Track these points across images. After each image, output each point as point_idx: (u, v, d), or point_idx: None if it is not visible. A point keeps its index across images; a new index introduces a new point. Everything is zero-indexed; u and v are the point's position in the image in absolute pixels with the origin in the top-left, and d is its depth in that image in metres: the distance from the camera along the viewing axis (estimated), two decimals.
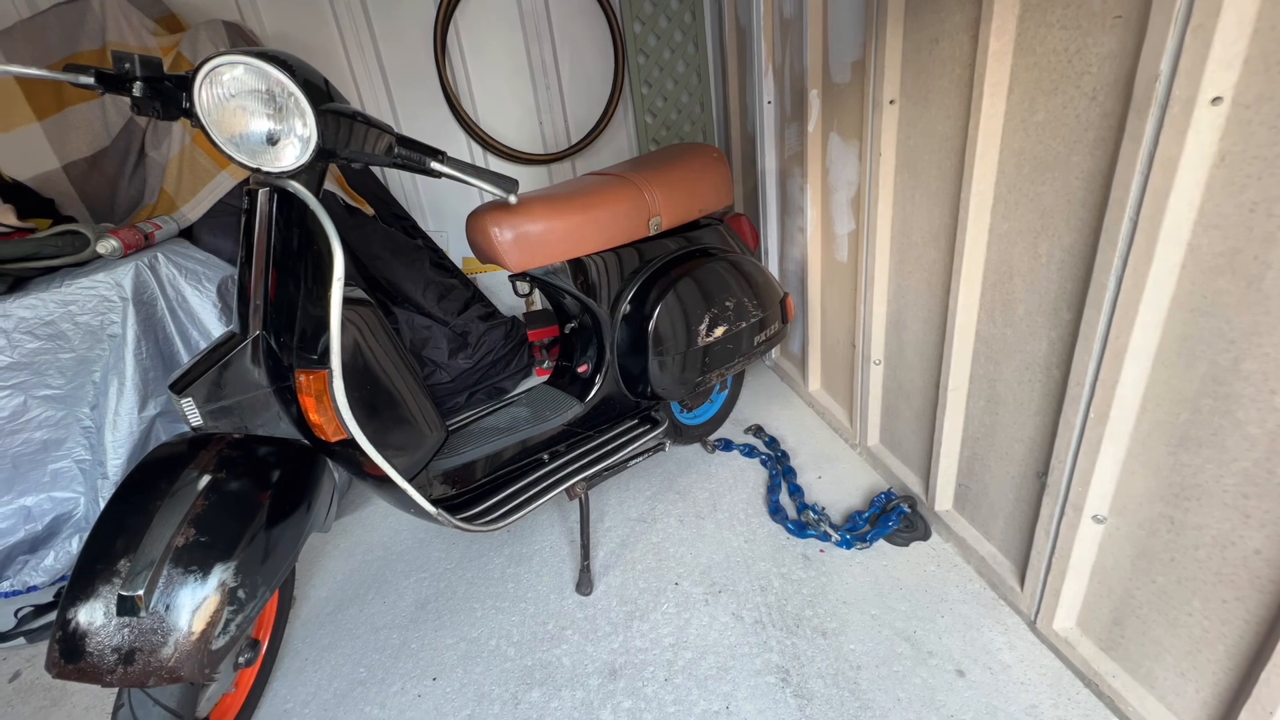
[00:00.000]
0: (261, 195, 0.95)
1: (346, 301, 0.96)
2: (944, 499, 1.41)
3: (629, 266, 1.49)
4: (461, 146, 2.67)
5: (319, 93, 0.90)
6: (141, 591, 0.76)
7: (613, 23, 2.55)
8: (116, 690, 0.91)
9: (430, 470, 1.23)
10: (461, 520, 1.20)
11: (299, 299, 0.96)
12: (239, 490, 0.89)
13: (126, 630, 0.77)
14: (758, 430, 1.91)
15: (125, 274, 1.46)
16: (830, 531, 1.43)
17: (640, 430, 1.56)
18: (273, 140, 0.90)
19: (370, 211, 2.23)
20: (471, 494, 1.32)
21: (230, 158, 0.90)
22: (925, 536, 1.41)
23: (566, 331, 1.59)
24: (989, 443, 1.25)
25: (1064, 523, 1.03)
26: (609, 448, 1.49)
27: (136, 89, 0.88)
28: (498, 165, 2.71)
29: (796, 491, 1.60)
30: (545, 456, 1.44)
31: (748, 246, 1.73)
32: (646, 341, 1.42)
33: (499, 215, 1.27)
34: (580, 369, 1.53)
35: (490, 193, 1.10)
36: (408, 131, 2.58)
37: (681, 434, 1.80)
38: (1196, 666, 0.89)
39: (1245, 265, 0.74)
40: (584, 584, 1.39)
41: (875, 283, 1.51)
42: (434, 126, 2.61)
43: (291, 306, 0.97)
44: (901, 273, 1.44)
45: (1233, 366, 0.77)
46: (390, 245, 2.14)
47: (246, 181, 0.97)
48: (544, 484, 1.36)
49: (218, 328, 1.58)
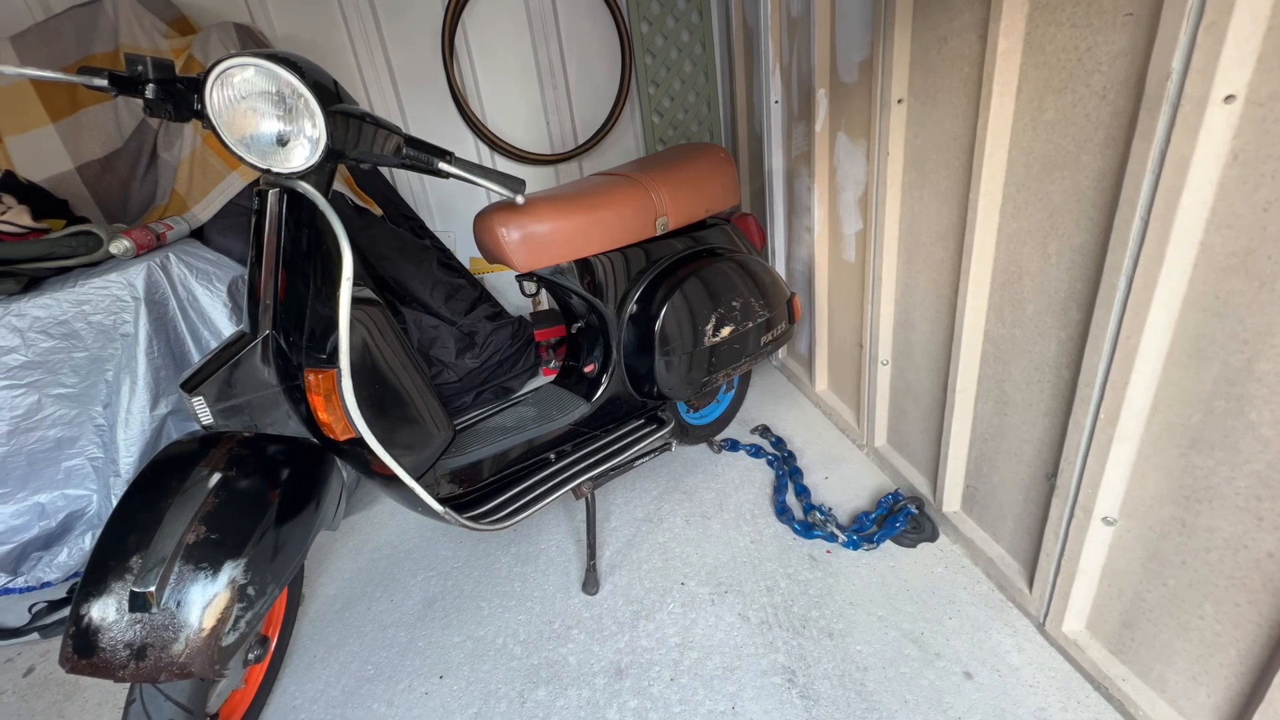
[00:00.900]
0: (271, 196, 0.95)
1: (355, 301, 0.97)
2: (952, 500, 1.40)
3: (636, 266, 1.49)
4: (469, 147, 2.68)
5: (328, 94, 0.90)
6: (153, 588, 0.77)
7: (620, 23, 2.55)
8: (128, 685, 0.92)
9: (438, 469, 1.24)
10: (468, 519, 1.20)
11: (308, 299, 0.97)
12: (249, 488, 0.90)
13: (138, 626, 0.78)
14: (764, 430, 1.91)
15: (137, 274, 1.47)
16: (837, 532, 1.43)
17: (646, 430, 1.56)
18: (283, 141, 0.90)
19: (379, 212, 2.24)
20: (478, 493, 1.32)
21: (241, 159, 0.90)
22: (933, 538, 1.40)
23: (573, 331, 1.60)
24: (997, 444, 1.24)
25: (1073, 524, 1.03)
26: (615, 447, 1.49)
27: (149, 91, 0.88)
28: (505, 166, 2.72)
29: (803, 492, 1.60)
30: (552, 456, 1.44)
31: (754, 246, 1.73)
32: (653, 341, 1.42)
33: (506, 215, 1.27)
34: (587, 369, 1.53)
35: (497, 193, 1.11)
36: (416, 132, 2.58)
37: (688, 434, 1.80)
38: (1208, 670, 0.88)
39: (1259, 265, 0.73)
40: (590, 583, 1.39)
41: (883, 282, 1.50)
42: (442, 127, 2.62)
43: (301, 306, 0.98)
44: (909, 272, 1.43)
45: (1246, 367, 0.76)
46: (398, 245, 2.15)
47: (257, 182, 0.97)
48: (550, 483, 1.36)
49: (228, 327, 1.59)
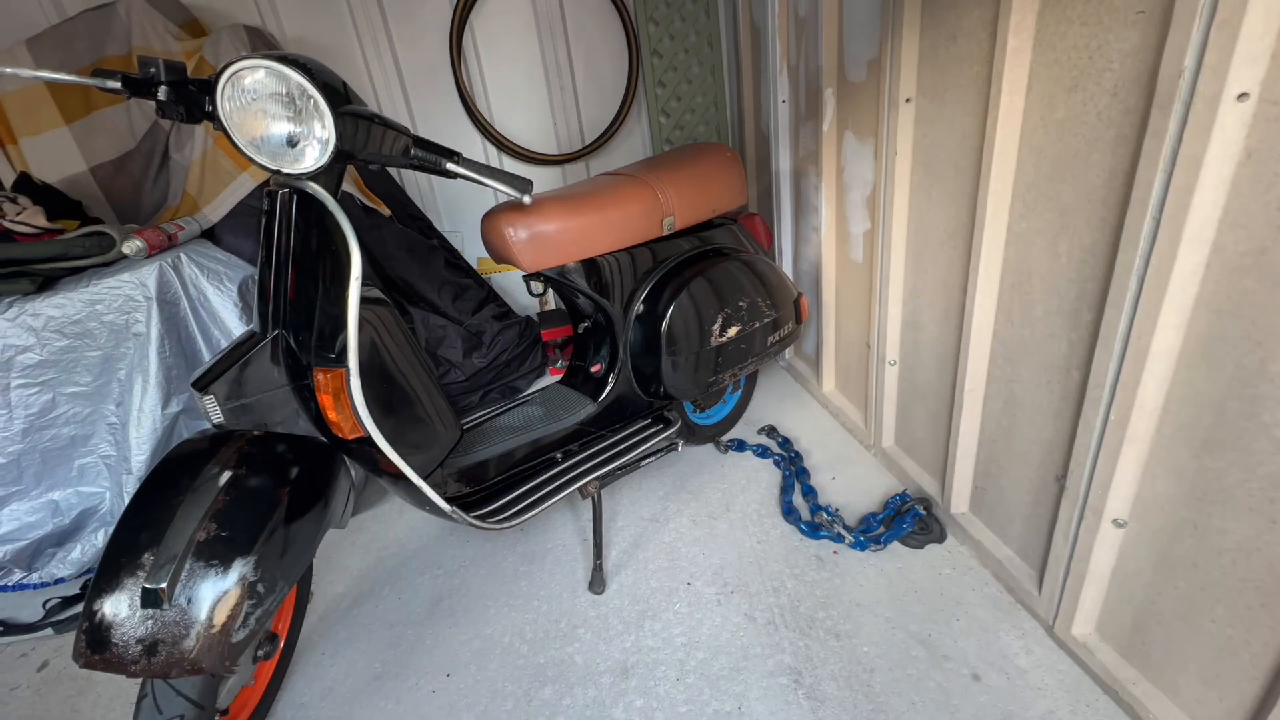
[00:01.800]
0: (281, 196, 0.96)
1: (364, 301, 0.98)
2: (960, 501, 1.39)
3: (642, 266, 1.49)
4: (476, 147, 2.69)
5: (337, 95, 0.91)
6: (165, 584, 0.78)
7: (627, 23, 2.56)
8: (140, 680, 0.93)
9: (445, 468, 1.25)
10: (475, 518, 1.21)
11: (317, 298, 0.98)
12: (259, 486, 0.90)
13: (150, 622, 0.78)
14: (771, 431, 1.90)
15: (150, 274, 1.49)
16: (844, 533, 1.42)
17: (653, 430, 1.56)
18: (292, 142, 0.91)
19: (387, 212, 2.25)
20: (485, 492, 1.33)
21: (251, 160, 0.91)
22: (940, 539, 1.39)
23: (580, 331, 1.60)
24: (1006, 445, 1.23)
25: (1083, 526, 1.02)
26: (621, 447, 1.50)
27: (161, 93, 0.90)
28: (512, 166, 2.73)
29: (810, 492, 1.59)
30: (558, 455, 1.44)
31: (761, 246, 1.73)
32: (660, 341, 1.42)
33: (513, 215, 1.28)
34: (593, 368, 1.53)
35: (505, 193, 1.11)
36: (424, 133, 2.60)
37: (694, 434, 1.80)
38: (1221, 674, 0.87)
39: (1272, 265, 0.72)
40: (596, 583, 1.39)
41: (891, 283, 1.49)
42: (449, 128, 2.63)
43: (310, 306, 0.98)
44: (917, 272, 1.42)
45: (1259, 368, 0.76)
46: (406, 245, 2.16)
47: (267, 183, 0.98)
48: (557, 483, 1.37)
49: (238, 327, 1.61)
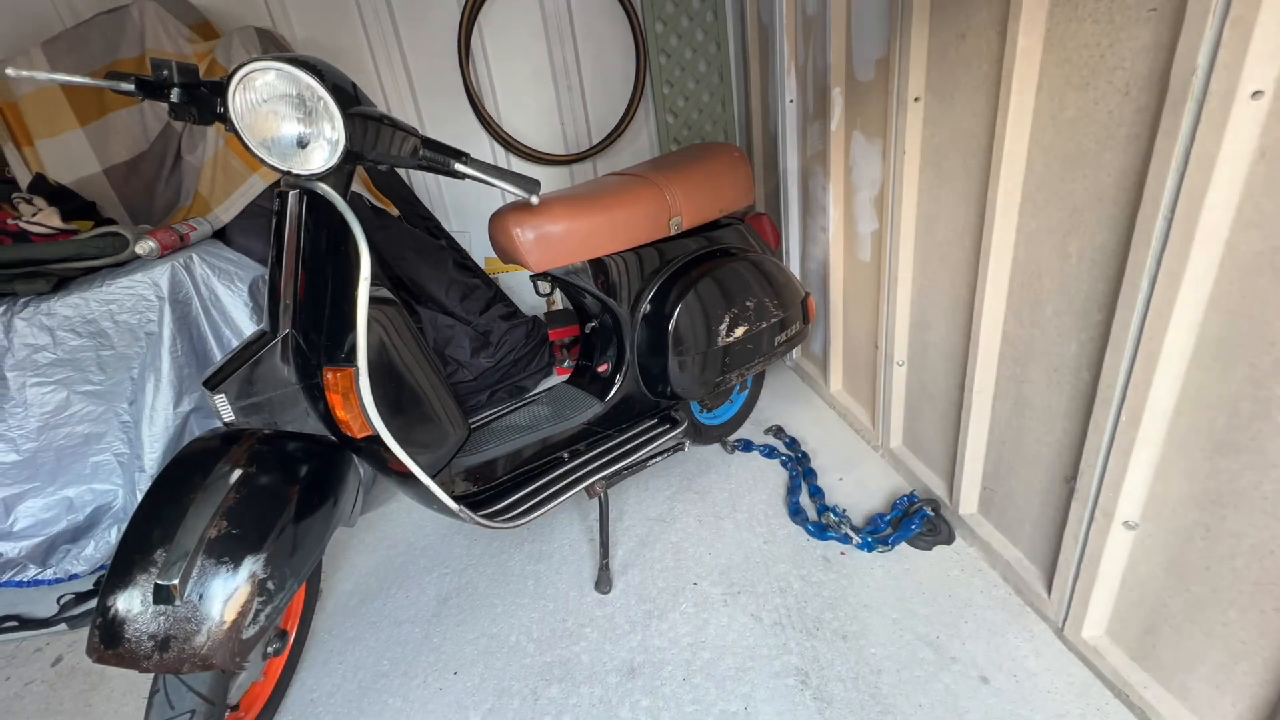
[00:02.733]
0: (292, 197, 0.97)
1: (373, 301, 0.98)
2: (968, 503, 1.38)
3: (649, 266, 1.49)
4: (484, 148, 2.70)
5: (347, 97, 0.91)
6: (176, 581, 0.79)
7: (634, 23, 2.56)
8: (152, 675, 0.94)
9: (453, 467, 1.25)
10: (483, 517, 1.21)
11: (327, 298, 0.99)
12: (269, 485, 0.91)
13: (162, 618, 0.79)
14: (778, 431, 1.90)
15: (162, 274, 1.51)
16: (851, 534, 1.42)
17: (660, 430, 1.56)
18: (303, 144, 0.92)
19: (395, 212, 2.27)
20: (493, 491, 1.33)
21: (262, 161, 0.92)
22: (949, 540, 1.39)
23: (587, 331, 1.60)
24: (1015, 446, 1.22)
25: (1094, 528, 1.01)
26: (628, 447, 1.50)
27: (174, 95, 0.90)
28: (520, 166, 2.74)
29: (817, 493, 1.59)
30: (565, 455, 1.45)
31: (769, 246, 1.72)
32: (667, 341, 1.42)
33: (521, 216, 1.28)
34: (600, 368, 1.53)
35: (512, 193, 1.11)
36: (432, 134, 2.59)
37: (701, 434, 1.79)
38: (1233, 679, 0.86)
39: None
40: (603, 582, 1.39)
41: (899, 282, 1.49)
42: (457, 128, 2.65)
43: (320, 305, 0.99)
44: (925, 272, 1.42)
45: (1273, 369, 0.75)
46: (415, 245, 2.17)
47: (277, 184, 0.99)
48: (564, 482, 1.37)
49: (249, 326, 1.62)
